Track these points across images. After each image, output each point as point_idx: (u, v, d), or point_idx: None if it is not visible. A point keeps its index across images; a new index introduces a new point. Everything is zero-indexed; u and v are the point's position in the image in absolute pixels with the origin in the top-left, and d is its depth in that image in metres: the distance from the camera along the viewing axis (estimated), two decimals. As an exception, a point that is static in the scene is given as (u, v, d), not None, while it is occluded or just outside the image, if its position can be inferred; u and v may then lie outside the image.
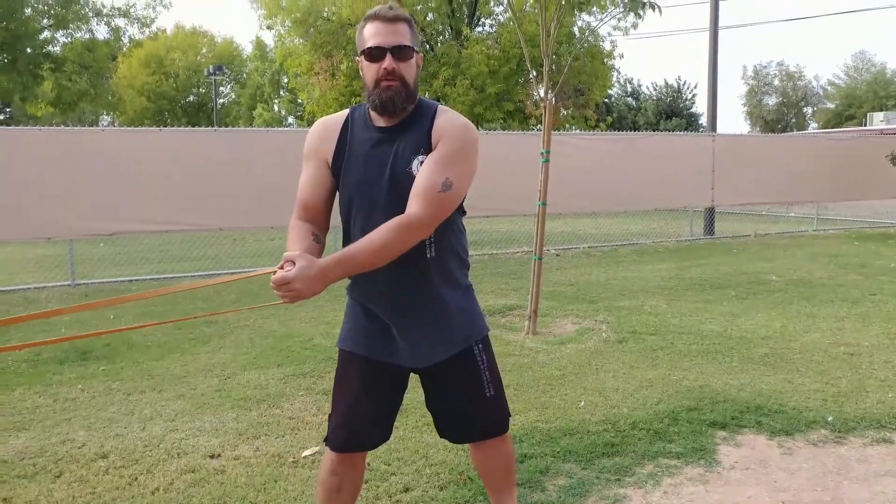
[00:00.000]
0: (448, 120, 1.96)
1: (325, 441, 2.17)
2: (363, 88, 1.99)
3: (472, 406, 2.11)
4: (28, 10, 20.64)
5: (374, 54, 1.89)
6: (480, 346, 2.11)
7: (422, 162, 1.90)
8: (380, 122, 1.98)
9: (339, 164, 2.00)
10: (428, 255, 1.96)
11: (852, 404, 3.84)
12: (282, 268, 1.75)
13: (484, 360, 2.11)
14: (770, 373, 4.42)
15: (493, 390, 2.12)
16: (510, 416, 2.22)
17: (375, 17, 1.92)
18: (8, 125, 35.16)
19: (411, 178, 1.89)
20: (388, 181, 1.92)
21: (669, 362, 4.69)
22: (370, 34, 1.91)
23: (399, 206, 1.87)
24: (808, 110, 45.80)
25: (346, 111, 2.07)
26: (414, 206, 1.84)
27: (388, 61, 1.88)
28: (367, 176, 1.94)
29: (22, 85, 21.30)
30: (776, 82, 45.13)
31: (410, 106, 1.95)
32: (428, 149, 1.92)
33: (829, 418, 3.62)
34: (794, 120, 44.58)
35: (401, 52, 1.89)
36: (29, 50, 20.93)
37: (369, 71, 1.91)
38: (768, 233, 13.09)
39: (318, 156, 2.03)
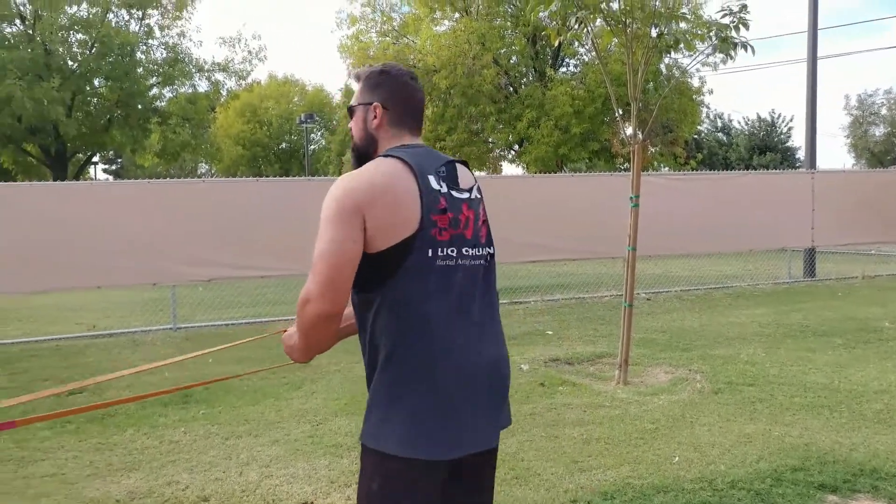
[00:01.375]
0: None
1: None
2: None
3: None
4: (140, 70, 22.40)
5: None
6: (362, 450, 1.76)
7: None
8: None
9: None
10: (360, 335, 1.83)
11: (981, 469, 3.52)
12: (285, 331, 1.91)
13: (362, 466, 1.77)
14: (886, 431, 4.13)
15: None
16: None
17: None
18: (119, 175, 37.97)
19: None
20: None
21: (770, 416, 4.46)
22: None
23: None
24: (922, 139, 43.03)
25: None
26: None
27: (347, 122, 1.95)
28: None
29: (133, 138, 23.04)
30: (884, 111, 42.69)
31: (355, 162, 1.89)
32: None
33: (955, 484, 3.34)
34: (906, 151, 41.99)
35: (348, 112, 1.94)
36: (140, 106, 22.64)
37: None
38: (879, 274, 12.28)
39: None
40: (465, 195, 1.79)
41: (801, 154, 25.22)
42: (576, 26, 5.47)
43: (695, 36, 5.22)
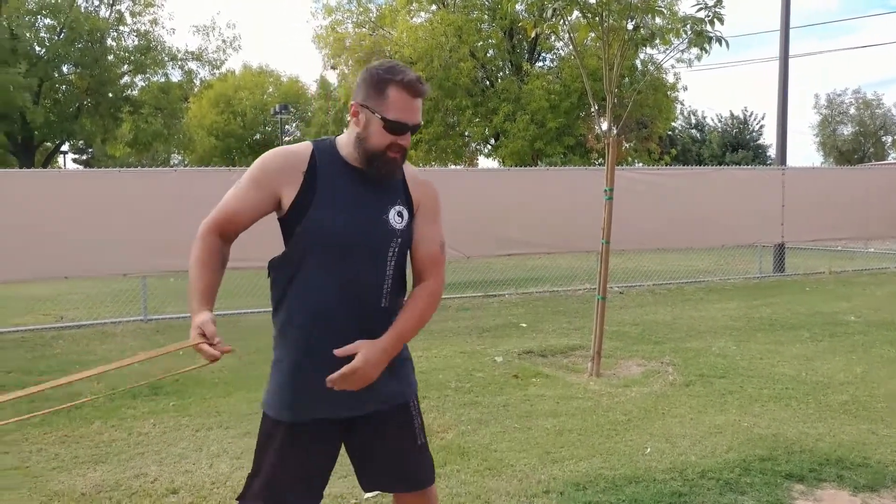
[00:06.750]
0: (420, 175, 2.02)
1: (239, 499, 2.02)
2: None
3: (405, 454, 2.06)
4: (110, 57, 21.96)
5: (396, 129, 1.85)
6: (415, 398, 2.09)
7: (398, 213, 1.92)
8: (356, 162, 1.92)
9: (303, 203, 1.88)
10: (382, 305, 1.93)
11: (942, 458, 3.61)
12: (355, 354, 1.83)
13: (417, 407, 2.09)
14: (851, 422, 4.20)
15: (423, 438, 2.10)
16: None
17: (409, 86, 1.85)
18: (89, 165, 37.22)
19: (387, 224, 1.91)
20: (371, 225, 1.90)
21: (739, 407, 4.52)
22: (398, 105, 1.84)
23: (374, 252, 1.90)
24: (888, 139, 43.96)
25: (308, 146, 1.95)
26: (434, 274, 1.97)
27: (405, 139, 1.88)
28: (354, 218, 1.88)
29: (104, 127, 22.61)
30: (852, 111, 43.51)
31: None
32: (406, 200, 1.95)
33: (918, 473, 3.41)
34: (871, 150, 42.82)
35: (416, 131, 1.92)
36: (110, 94, 22.21)
37: (381, 138, 1.85)
38: (845, 270, 12.52)
39: (271, 186, 1.91)
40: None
41: (772, 151, 25.57)
42: (552, 18, 5.46)
43: (669, 31, 5.25)
